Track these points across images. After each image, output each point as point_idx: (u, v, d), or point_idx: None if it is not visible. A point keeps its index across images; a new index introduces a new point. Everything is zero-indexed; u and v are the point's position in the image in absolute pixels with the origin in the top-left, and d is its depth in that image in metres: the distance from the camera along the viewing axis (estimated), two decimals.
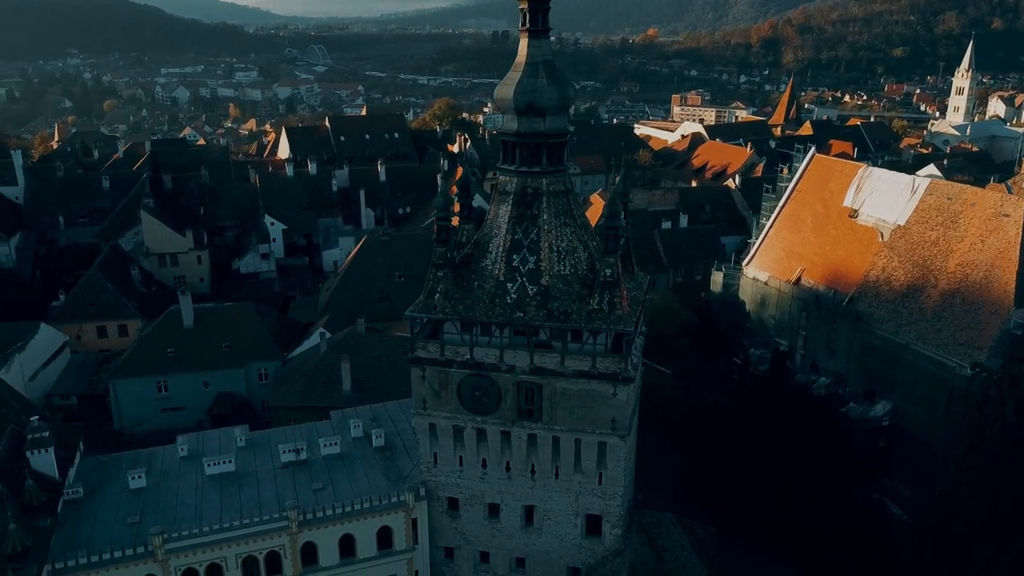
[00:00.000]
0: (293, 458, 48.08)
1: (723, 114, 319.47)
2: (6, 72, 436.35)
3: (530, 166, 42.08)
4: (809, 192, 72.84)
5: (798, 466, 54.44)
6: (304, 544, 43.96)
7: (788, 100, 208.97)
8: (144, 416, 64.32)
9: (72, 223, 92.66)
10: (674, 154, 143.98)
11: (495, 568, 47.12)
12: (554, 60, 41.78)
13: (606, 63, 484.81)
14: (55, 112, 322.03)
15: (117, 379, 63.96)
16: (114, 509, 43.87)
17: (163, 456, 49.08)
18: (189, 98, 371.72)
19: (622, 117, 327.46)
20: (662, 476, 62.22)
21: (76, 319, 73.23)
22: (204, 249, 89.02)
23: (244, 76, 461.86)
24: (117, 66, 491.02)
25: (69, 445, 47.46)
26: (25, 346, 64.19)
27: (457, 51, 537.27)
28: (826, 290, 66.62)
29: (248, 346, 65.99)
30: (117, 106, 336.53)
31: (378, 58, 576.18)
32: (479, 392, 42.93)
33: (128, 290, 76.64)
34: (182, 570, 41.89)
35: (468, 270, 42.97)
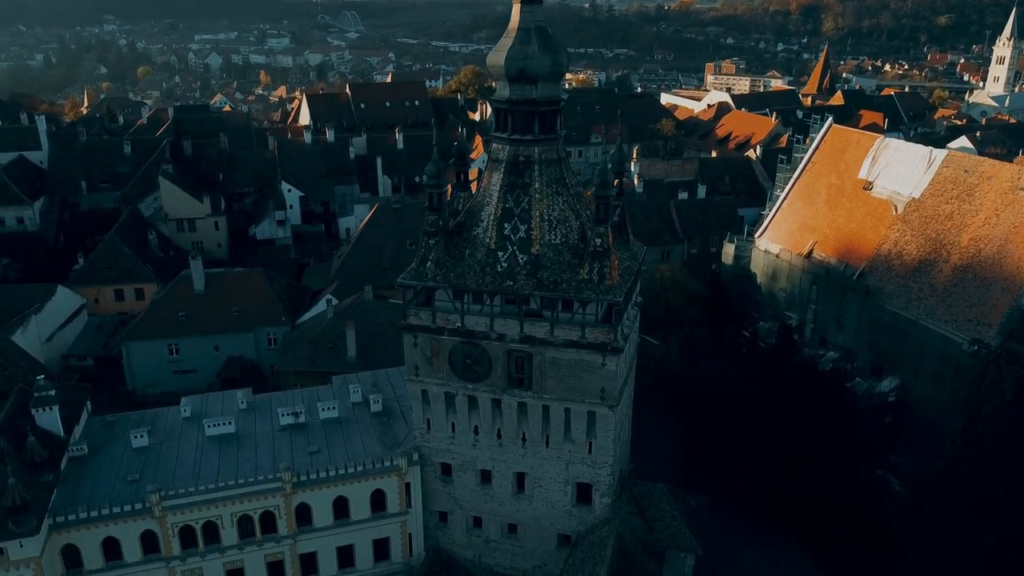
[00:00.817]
0: (292, 421, 49.00)
1: (758, 83, 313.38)
2: (44, 39, 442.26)
3: (522, 134, 41.82)
4: (825, 163, 71.47)
5: (801, 440, 54.17)
6: (298, 505, 44.94)
7: (822, 69, 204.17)
8: (156, 378, 65.80)
9: (94, 188, 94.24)
10: (699, 124, 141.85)
11: (487, 533, 47.77)
12: (547, 27, 41.24)
13: (640, 31, 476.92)
14: (91, 78, 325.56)
15: (130, 341, 65.41)
16: (116, 467, 45.17)
17: (167, 417, 50.31)
18: (221, 64, 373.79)
19: (654, 86, 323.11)
20: (665, 447, 62.43)
21: (94, 282, 74.82)
22: (221, 215, 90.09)
23: (276, 43, 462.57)
24: (152, 32, 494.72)
25: (77, 405, 48.85)
26: (42, 308, 65.77)
27: (489, 18, 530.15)
28: (837, 264, 65.62)
29: (257, 311, 66.97)
30: (151, 72, 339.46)
31: (410, 25, 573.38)
32: (470, 360, 43.19)
33: (145, 255, 77.97)
34: (179, 527, 43.12)
35: (460, 238, 43.05)
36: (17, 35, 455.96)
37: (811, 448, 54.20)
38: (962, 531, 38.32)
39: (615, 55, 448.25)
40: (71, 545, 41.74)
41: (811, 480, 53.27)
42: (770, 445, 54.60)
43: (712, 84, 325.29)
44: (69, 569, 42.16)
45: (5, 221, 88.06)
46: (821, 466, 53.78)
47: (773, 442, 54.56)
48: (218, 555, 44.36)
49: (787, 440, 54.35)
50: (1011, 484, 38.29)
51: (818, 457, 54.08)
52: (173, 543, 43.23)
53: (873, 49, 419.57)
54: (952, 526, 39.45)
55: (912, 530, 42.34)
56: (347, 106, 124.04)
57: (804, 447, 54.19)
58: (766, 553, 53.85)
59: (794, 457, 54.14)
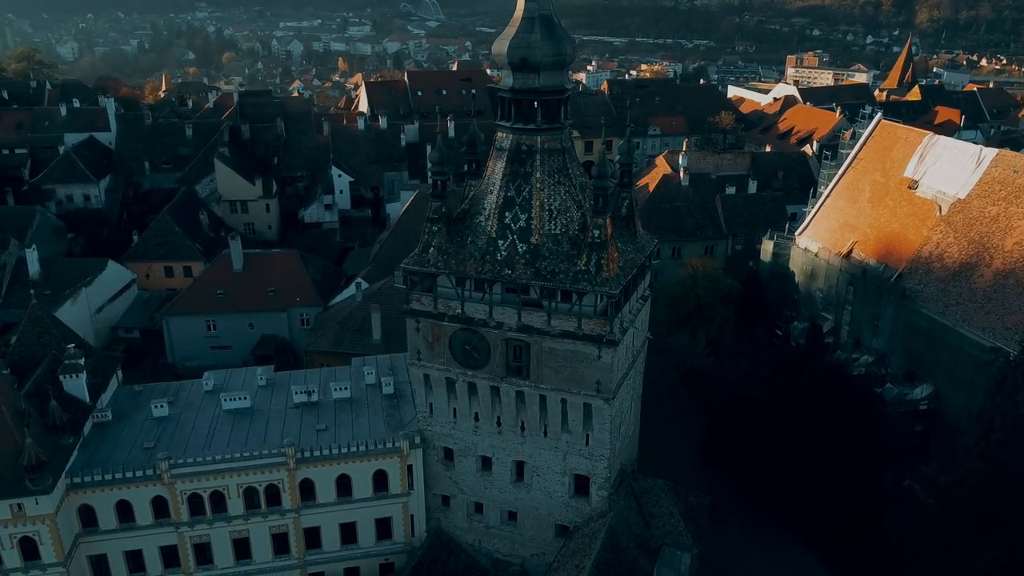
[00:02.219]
0: (305, 399, 50.40)
1: (841, 77, 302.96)
2: (140, 25, 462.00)
3: (524, 123, 41.91)
4: (871, 160, 68.80)
5: (824, 444, 52.61)
6: (302, 480, 46.33)
7: (904, 62, 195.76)
8: (194, 352, 68.56)
9: (157, 168, 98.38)
10: (764, 117, 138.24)
11: (488, 519, 48.27)
12: (553, 15, 41.05)
13: (721, 21, 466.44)
14: (179, 64, 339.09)
15: (170, 316, 68.28)
16: (135, 434, 47.42)
17: (190, 389, 52.43)
18: (302, 52, 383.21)
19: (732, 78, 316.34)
20: (685, 443, 61.79)
21: (146, 258, 78.40)
22: (272, 198, 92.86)
23: (357, 30, 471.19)
24: (240, 20, 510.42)
25: (107, 374, 51.41)
26: (92, 281, 69.34)
27: (568, 7, 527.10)
28: (876, 264, 63.21)
29: (291, 291, 68.95)
30: (235, 59, 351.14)
31: (490, 13, 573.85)
32: (469, 346, 43.63)
33: (195, 233, 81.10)
34: (187, 494, 45.05)
35: (463, 226, 43.45)
36: (116, 22, 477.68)
37: (834, 453, 52.61)
38: (960, 546, 36.71)
39: (694, 46, 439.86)
40: (87, 505, 44.18)
41: (831, 485, 51.82)
42: (791, 447, 53.26)
43: (792, 77, 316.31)
44: (85, 528, 44.59)
45: (73, 198, 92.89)
46: (843, 472, 52.19)
47: (795, 444, 53.19)
48: (225, 524, 46.19)
49: (809, 443, 52.89)
50: (1018, 501, 36.40)
51: (841, 462, 52.49)
52: (182, 509, 45.22)
53: (970, 43, 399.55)
54: (951, 540, 37.79)
55: (912, 540, 40.74)
56: (404, 94, 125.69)
57: (827, 451, 52.64)
58: (776, 555, 52.74)
59: (815, 461, 52.69)
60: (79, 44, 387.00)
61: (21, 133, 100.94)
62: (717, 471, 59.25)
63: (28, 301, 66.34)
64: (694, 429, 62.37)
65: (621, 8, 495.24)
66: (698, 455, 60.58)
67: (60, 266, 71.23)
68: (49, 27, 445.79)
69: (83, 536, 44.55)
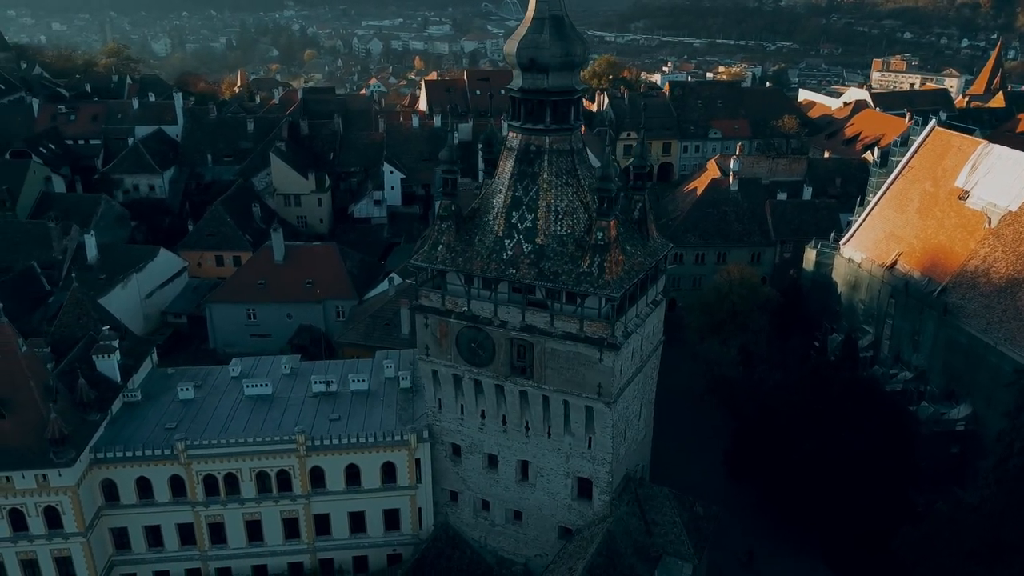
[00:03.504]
0: (323, 389, 51.68)
1: (929, 81, 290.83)
2: (230, 23, 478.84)
3: (533, 123, 41.94)
4: (921, 169, 66.09)
5: (851, 460, 50.97)
6: (312, 468, 47.53)
7: (992, 67, 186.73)
8: (235, 339, 70.99)
9: (218, 161, 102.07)
10: (832, 122, 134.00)
11: (494, 517, 48.55)
12: (564, 16, 40.92)
13: (807, 23, 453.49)
14: (263, 60, 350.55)
15: (213, 304, 70.87)
16: (160, 415, 49.51)
17: (218, 374, 54.41)
18: (381, 50, 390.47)
19: (813, 81, 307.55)
20: (710, 452, 60.70)
21: (199, 247, 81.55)
22: (324, 192, 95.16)
23: (436, 29, 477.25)
24: (325, 18, 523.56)
25: (140, 356, 53.77)
26: (143, 267, 72.58)
27: (648, 8, 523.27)
28: (920, 277, 60.72)
29: (328, 284, 70.67)
30: (316, 56, 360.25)
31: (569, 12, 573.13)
32: (474, 344, 43.95)
33: (246, 225, 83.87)
34: (203, 475, 46.79)
35: (472, 224, 43.80)
36: (208, 19, 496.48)
37: (861, 469, 50.93)
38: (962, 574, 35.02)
39: (777, 48, 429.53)
40: (110, 480, 46.39)
41: (854, 502, 50.22)
42: (817, 461, 51.73)
43: (877, 81, 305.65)
44: (108, 501, 46.83)
45: (139, 187, 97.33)
46: (869, 489, 50.51)
47: (820, 459, 51.65)
48: (238, 505, 47.80)
49: (836, 458, 51.28)
50: None
51: (868, 480, 50.81)
52: (198, 489, 47.00)
53: None
54: (955, 566, 36.07)
55: (919, 564, 39.07)
56: (463, 92, 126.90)
57: (854, 467, 50.99)
58: (790, 570, 51.44)
59: (841, 477, 51.09)
60: (172, 41, 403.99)
61: (96, 125, 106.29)
62: (740, 482, 58.11)
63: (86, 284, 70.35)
64: (721, 438, 61.24)
65: (703, 9, 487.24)
66: (723, 465, 59.46)
67: (116, 252, 74.74)
68: (146, 24, 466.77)
69: (105, 509, 46.80)
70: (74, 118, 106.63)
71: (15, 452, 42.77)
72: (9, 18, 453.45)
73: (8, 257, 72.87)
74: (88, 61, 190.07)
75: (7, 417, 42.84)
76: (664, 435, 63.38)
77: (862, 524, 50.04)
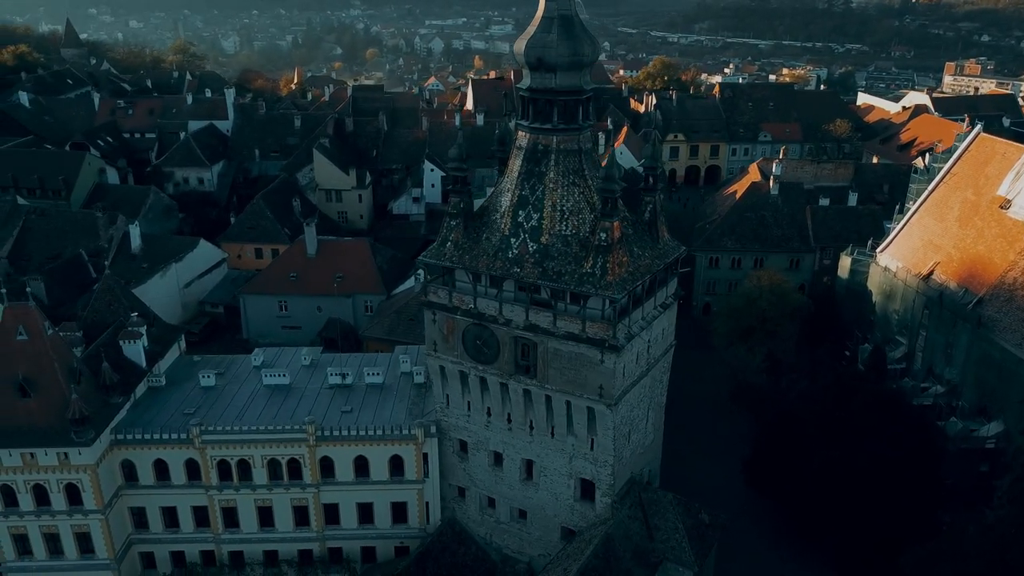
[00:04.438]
0: (339, 381, 52.60)
1: (1005, 86, 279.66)
2: (298, 21, 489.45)
3: (541, 123, 41.90)
4: (964, 176, 63.76)
5: (870, 474, 49.66)
6: (322, 457, 48.43)
7: None
8: (267, 330, 72.74)
9: (266, 156, 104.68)
10: (890, 127, 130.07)
11: (499, 515, 48.73)
12: (573, 15, 40.77)
13: (878, 24, 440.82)
14: (326, 58, 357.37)
15: (247, 295, 72.73)
16: (181, 400, 51.07)
17: (241, 363, 55.84)
18: (442, 49, 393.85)
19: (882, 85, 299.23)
20: (731, 459, 59.68)
21: (239, 240, 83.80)
22: (365, 188, 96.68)
23: (499, 29, 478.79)
24: (390, 17, 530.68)
25: (167, 343, 55.59)
26: (183, 258, 74.95)
27: (714, 8, 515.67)
28: (956, 289, 58.64)
29: (358, 279, 71.82)
30: (378, 55, 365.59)
31: (635, 14, 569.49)
32: (480, 341, 44.19)
33: (286, 219, 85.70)
34: (217, 460, 48.11)
35: (481, 222, 44.03)
36: (276, 18, 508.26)
37: (883, 484, 49.55)
38: None
39: (846, 50, 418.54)
40: (129, 461, 48.08)
41: (874, 518, 48.92)
42: (834, 474, 50.52)
43: (949, 86, 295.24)
44: (127, 481, 48.55)
45: (188, 180, 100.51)
46: (890, 505, 49.13)
47: (838, 471, 50.43)
48: (250, 491, 49.03)
49: (857, 471, 49.98)
50: None
51: (890, 495, 49.42)
52: (212, 474, 48.35)
53: None
54: None
55: None
56: (510, 91, 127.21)
57: (875, 482, 49.64)
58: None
59: (862, 491, 49.80)
60: (240, 38, 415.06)
61: (152, 119, 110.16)
62: (758, 490, 57.03)
63: (129, 272, 72.96)
64: (744, 446, 60.16)
65: (769, 10, 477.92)
66: (742, 473, 58.42)
67: (159, 242, 77.30)
68: (218, 22, 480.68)
69: (125, 488, 48.54)
70: (131, 112, 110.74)
71: (39, 430, 44.72)
72: (90, 16, 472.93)
73: (58, 244, 76.15)
74: (155, 58, 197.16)
75: (32, 396, 44.82)
76: (685, 441, 62.91)
77: (879, 539, 48.68)
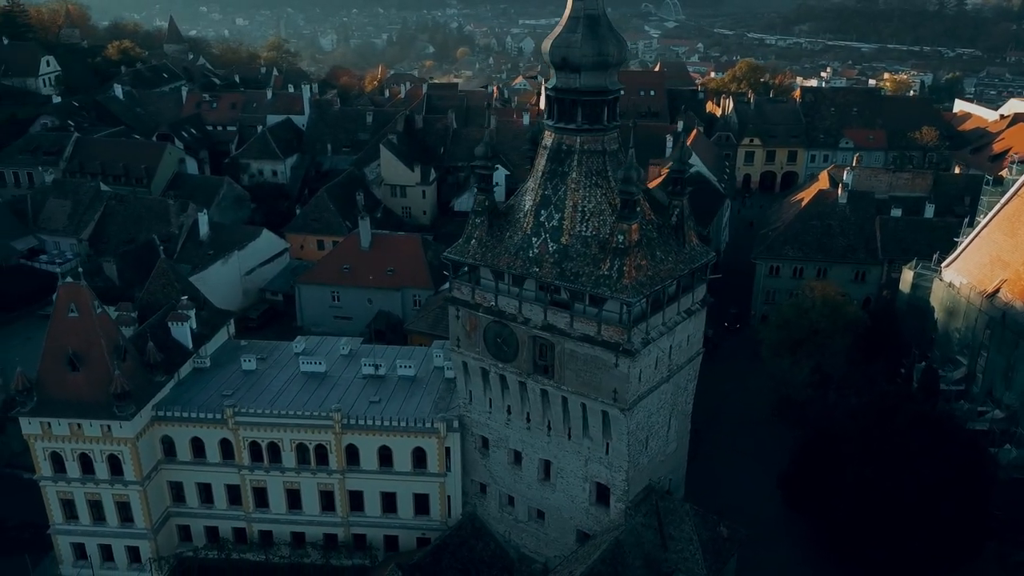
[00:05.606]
0: (372, 372, 53.77)
1: None
2: (395, 20, 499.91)
3: (566, 123, 41.71)
4: None
5: (913, 499, 47.48)
6: (348, 445, 49.64)
7: None
8: (320, 319, 74.90)
9: (337, 151, 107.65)
10: (984, 136, 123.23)
11: (517, 513, 48.85)
12: (600, 15, 40.39)
13: (994, 28, 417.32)
14: (418, 57, 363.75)
15: (302, 284, 75.05)
16: (222, 382, 53.23)
17: (283, 350, 57.72)
18: (533, 48, 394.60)
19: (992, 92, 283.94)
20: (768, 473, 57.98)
21: (303, 231, 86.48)
22: (429, 185, 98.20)
23: None
24: (485, 16, 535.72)
25: (216, 327, 58.03)
26: (245, 246, 77.92)
27: (816, 10, 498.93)
28: (1021, 308, 55.26)
29: (408, 273, 73.06)
30: (468, 54, 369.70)
31: (734, 15, 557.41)
32: (500, 339, 44.35)
33: (348, 212, 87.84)
34: (249, 441, 49.96)
35: (506, 220, 44.21)
36: (374, 16, 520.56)
37: (924, 511, 47.30)
38: None
39: (957, 55, 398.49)
40: (168, 437, 50.46)
41: (914, 542, 46.81)
42: (874, 496, 48.50)
43: None
44: (167, 456, 50.97)
45: (263, 172, 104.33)
46: (933, 531, 46.87)
47: (878, 494, 48.39)
48: (279, 473, 50.68)
49: (895, 495, 47.87)
50: None
51: (930, 523, 47.14)
52: (244, 454, 50.24)
53: None
54: None
55: None
56: None
57: (916, 508, 47.44)
58: None
59: (900, 516, 47.70)
60: (337, 36, 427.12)
61: (235, 113, 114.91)
62: (795, 508, 55.18)
63: (196, 257, 76.45)
64: (782, 460, 58.32)
65: (875, 12, 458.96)
66: (778, 489, 56.64)
67: (226, 230, 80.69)
68: (318, 20, 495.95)
69: (164, 463, 50.96)
70: (215, 106, 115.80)
71: (84, 403, 47.42)
72: (200, 13, 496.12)
73: (134, 229, 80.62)
74: (251, 54, 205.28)
75: (80, 370, 47.57)
76: (725, 452, 61.63)
77: (917, 563, 46.50)
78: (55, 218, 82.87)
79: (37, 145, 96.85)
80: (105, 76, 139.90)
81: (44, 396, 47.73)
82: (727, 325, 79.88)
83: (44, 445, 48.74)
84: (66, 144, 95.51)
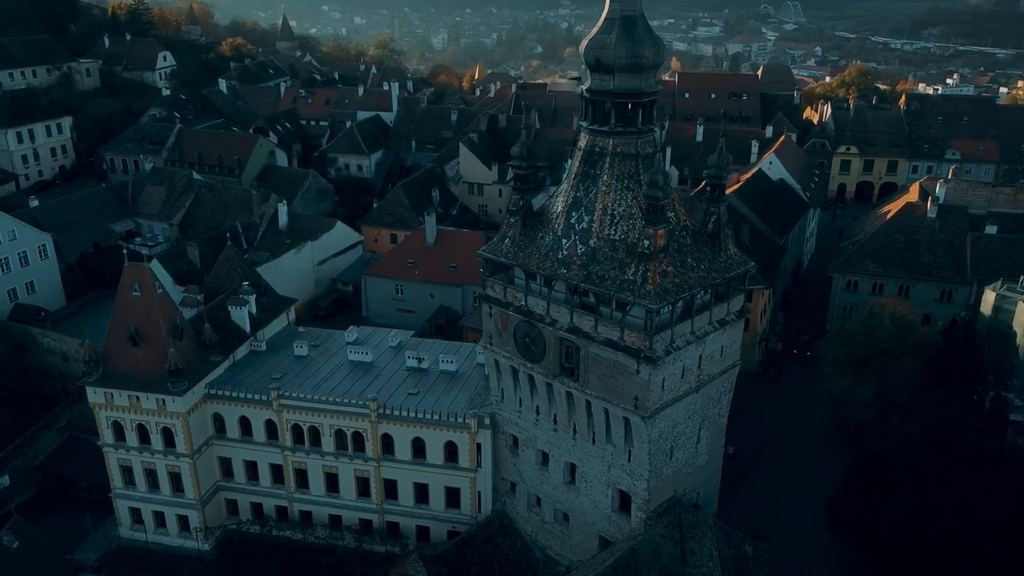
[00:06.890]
0: (415, 365, 54.87)
1: None
2: (507, 20, 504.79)
3: (599, 125, 41.32)
4: None
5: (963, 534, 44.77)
6: (383, 434, 50.88)
7: None
8: (384, 311, 76.80)
9: (421, 147, 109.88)
10: None
11: (544, 515, 48.84)
12: (638, 17, 39.75)
13: None
14: (525, 56, 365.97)
15: (368, 276, 77.15)
16: (274, 365, 55.49)
17: (336, 338, 59.59)
18: None
19: None
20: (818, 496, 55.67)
21: (377, 224, 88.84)
22: (506, 183, 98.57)
23: (705, 30, 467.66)
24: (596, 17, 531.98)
25: (275, 312, 60.46)
26: (319, 237, 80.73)
27: (948, 13, 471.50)
28: None
29: (469, 269, 73.51)
30: (575, 54, 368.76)
31: (857, 17, 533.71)
32: (528, 339, 44.45)
33: (423, 208, 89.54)
34: (291, 424, 51.95)
35: (539, 221, 44.25)
36: (487, 16, 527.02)
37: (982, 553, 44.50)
38: None
39: None
40: (219, 415, 53.08)
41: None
42: (922, 526, 45.93)
43: None
44: (217, 432, 53.62)
45: (349, 167, 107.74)
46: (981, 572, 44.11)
47: (925, 524, 45.80)
48: (319, 457, 52.52)
49: (945, 527, 45.21)
50: None
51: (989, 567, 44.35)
52: (287, 436, 52.30)
53: None
54: None
55: None
56: (671, 94, 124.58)
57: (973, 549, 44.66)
58: None
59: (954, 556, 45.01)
60: (448, 35, 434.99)
61: (328, 108, 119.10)
62: (839, 531, 52.69)
63: (274, 246, 79.75)
64: (834, 485, 55.81)
65: (1014, 15, 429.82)
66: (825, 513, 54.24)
67: (303, 221, 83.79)
68: (432, 20, 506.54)
69: (215, 439, 53.65)
70: (310, 101, 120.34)
71: (142, 377, 50.51)
72: (321, 12, 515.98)
73: (220, 217, 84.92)
74: (358, 52, 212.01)
75: (140, 346, 50.68)
76: (774, 471, 59.59)
77: None
78: (151, 203, 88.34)
79: (144, 135, 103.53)
80: (217, 71, 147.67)
81: (108, 368, 51.12)
82: (796, 352, 75.94)
83: (107, 414, 52.18)
84: (169, 135, 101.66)
